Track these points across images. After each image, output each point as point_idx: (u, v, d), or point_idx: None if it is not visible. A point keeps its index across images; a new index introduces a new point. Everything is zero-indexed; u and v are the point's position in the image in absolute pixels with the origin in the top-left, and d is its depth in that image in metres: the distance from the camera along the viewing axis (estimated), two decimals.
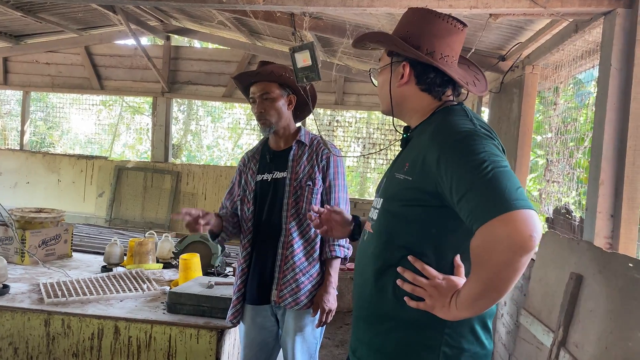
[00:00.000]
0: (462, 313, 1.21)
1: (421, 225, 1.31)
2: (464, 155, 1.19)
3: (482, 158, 1.16)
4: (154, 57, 6.66)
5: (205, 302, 2.45)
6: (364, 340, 1.42)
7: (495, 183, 1.12)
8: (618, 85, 1.85)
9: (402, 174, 1.34)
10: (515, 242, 1.07)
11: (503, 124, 3.55)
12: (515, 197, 1.09)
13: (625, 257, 1.64)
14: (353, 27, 3.76)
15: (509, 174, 1.14)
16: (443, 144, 1.25)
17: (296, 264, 2.18)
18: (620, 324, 1.58)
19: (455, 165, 1.19)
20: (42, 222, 3.39)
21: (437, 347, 1.29)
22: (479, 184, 1.13)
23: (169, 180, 6.63)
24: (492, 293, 1.15)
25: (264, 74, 2.26)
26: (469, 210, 1.14)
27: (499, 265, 1.10)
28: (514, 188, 1.11)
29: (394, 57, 1.42)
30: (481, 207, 1.11)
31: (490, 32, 3.23)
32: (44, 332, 2.40)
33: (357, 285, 1.49)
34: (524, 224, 1.07)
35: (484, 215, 1.10)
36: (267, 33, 5.44)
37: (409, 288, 1.29)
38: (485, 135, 1.24)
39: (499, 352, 2.90)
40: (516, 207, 1.08)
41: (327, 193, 2.25)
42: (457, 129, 1.26)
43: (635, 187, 1.78)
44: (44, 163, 7.02)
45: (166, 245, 3.53)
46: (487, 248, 1.11)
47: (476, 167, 1.15)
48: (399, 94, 1.43)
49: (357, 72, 5.89)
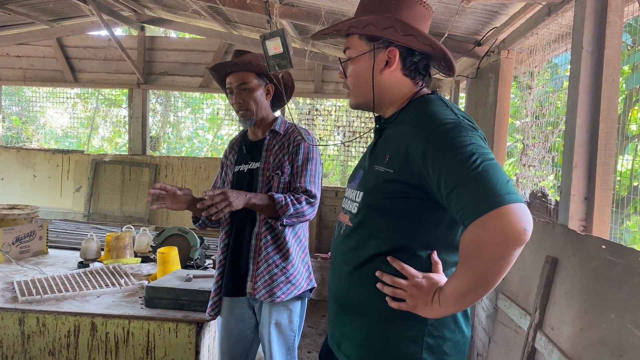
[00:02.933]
0: (447, 310, 1.22)
1: (404, 217, 1.29)
2: (452, 148, 1.17)
3: (470, 151, 1.15)
4: (129, 48, 6.54)
5: (183, 296, 2.43)
6: (348, 335, 1.41)
7: (486, 177, 1.11)
8: (590, 68, 1.85)
9: (383, 166, 1.32)
10: (510, 236, 1.07)
11: (480, 109, 3.56)
12: (506, 191, 1.09)
13: (599, 239, 1.65)
14: (328, 14, 3.72)
15: (498, 167, 1.14)
16: (428, 136, 1.22)
17: (269, 256, 2.16)
18: (595, 306, 1.60)
19: (443, 158, 1.17)
20: (15, 219, 3.33)
21: (420, 338, 1.29)
22: (469, 178, 1.12)
23: (147, 173, 6.54)
24: (483, 287, 1.15)
25: (242, 63, 2.22)
26: (460, 204, 1.13)
27: (493, 259, 1.10)
28: (504, 181, 1.11)
29: (377, 43, 1.37)
30: (473, 201, 1.11)
31: (466, 17, 3.22)
32: (19, 331, 2.36)
33: (336, 279, 1.46)
34: (518, 218, 1.07)
35: (476, 210, 1.10)
36: (243, 21, 5.37)
37: (389, 291, 1.28)
38: (470, 127, 1.22)
39: (479, 336, 2.93)
40: (508, 201, 1.08)
41: (293, 179, 2.18)
42: (441, 120, 1.24)
43: (607, 169, 1.79)
44: (19, 158, 6.88)
45: (144, 239, 3.49)
46: (480, 242, 1.10)
47: (465, 160, 1.14)
48: (383, 81, 1.38)
49: (335, 60, 5.85)
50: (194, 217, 2.35)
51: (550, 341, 1.78)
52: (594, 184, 1.81)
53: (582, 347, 1.60)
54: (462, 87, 4.68)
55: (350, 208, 1.42)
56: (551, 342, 1.77)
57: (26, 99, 9.09)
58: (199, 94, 8.62)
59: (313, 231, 6.08)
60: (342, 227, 1.45)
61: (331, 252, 1.52)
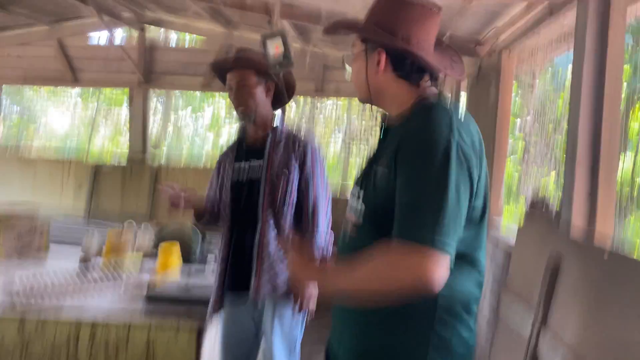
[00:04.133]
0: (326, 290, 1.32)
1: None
2: (426, 168, 1.18)
3: (434, 176, 1.16)
4: (129, 48, 6.54)
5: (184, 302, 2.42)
6: (341, 338, 1.40)
7: (436, 208, 1.14)
8: (593, 67, 1.86)
9: (381, 165, 1.32)
10: (414, 280, 1.12)
11: (481, 108, 3.57)
12: (444, 233, 1.12)
13: (603, 237, 1.66)
14: (328, 14, 3.73)
15: (453, 207, 1.15)
16: (412, 145, 1.23)
17: (273, 252, 2.17)
18: (599, 304, 1.60)
19: (415, 173, 1.19)
20: (16, 217, 3.33)
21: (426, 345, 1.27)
22: (415, 200, 1.16)
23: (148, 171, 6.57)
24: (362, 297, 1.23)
25: (241, 61, 2.22)
26: (401, 217, 1.17)
27: (392, 286, 1.15)
28: (449, 221, 1.14)
29: (369, 44, 1.38)
30: (410, 223, 1.15)
31: (467, 18, 3.23)
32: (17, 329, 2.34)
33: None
34: (436, 269, 1.11)
35: (408, 232, 1.14)
36: (243, 22, 5.37)
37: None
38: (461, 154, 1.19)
39: (482, 331, 2.93)
40: (438, 247, 1.11)
41: (305, 189, 2.21)
42: (434, 139, 1.21)
43: (611, 166, 1.80)
44: (20, 158, 6.89)
45: (145, 235, 3.49)
46: (388, 265, 1.15)
47: (429, 184, 1.16)
48: (376, 81, 1.39)
49: (335, 60, 5.86)
50: (198, 214, 2.36)
51: (554, 338, 1.79)
52: (597, 182, 1.82)
53: (586, 345, 1.61)
54: (464, 86, 4.69)
55: (355, 206, 1.41)
56: (555, 340, 1.78)
57: (27, 98, 9.08)
58: (200, 94, 8.61)
59: None
60: (348, 226, 1.44)
61: (338, 250, 1.51)
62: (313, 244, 2.21)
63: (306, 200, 2.21)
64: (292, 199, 2.20)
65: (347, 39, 1.48)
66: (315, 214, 2.20)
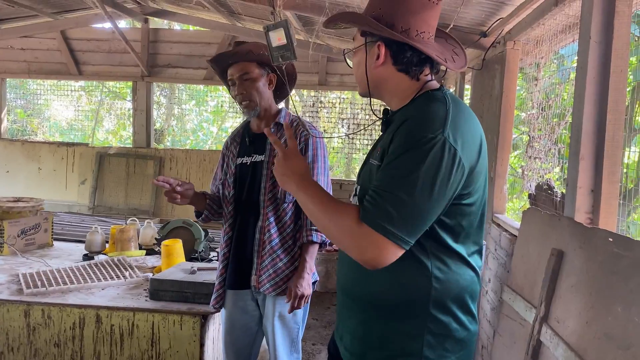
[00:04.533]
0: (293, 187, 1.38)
1: None
2: (405, 159, 1.19)
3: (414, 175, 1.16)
4: (133, 41, 6.53)
5: (187, 288, 2.43)
6: (349, 329, 1.41)
7: (401, 202, 1.16)
8: (598, 58, 1.83)
9: (375, 159, 1.32)
10: (364, 257, 1.20)
11: (485, 101, 3.53)
12: (402, 228, 1.16)
13: (606, 232, 1.63)
14: (331, 5, 3.69)
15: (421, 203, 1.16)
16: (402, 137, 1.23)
17: (273, 249, 2.15)
18: (601, 299, 1.58)
19: (395, 161, 1.20)
20: (20, 212, 3.33)
21: (421, 336, 1.28)
22: (391, 190, 1.17)
23: (152, 166, 6.55)
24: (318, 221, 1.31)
25: (242, 53, 2.19)
26: (370, 198, 1.21)
27: (338, 237, 1.25)
28: (412, 217, 1.17)
29: (368, 37, 1.37)
30: (376, 208, 1.18)
31: (471, 8, 3.19)
32: (24, 323, 2.37)
33: (343, 271, 1.46)
34: (384, 258, 1.18)
35: (372, 214, 1.18)
36: (246, 13, 5.34)
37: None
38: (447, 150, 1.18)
39: (484, 329, 2.92)
40: (393, 240, 1.17)
41: None
42: (422, 132, 1.20)
43: (615, 161, 1.77)
44: (24, 151, 6.89)
45: (148, 232, 3.50)
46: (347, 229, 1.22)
47: (408, 175, 1.17)
48: (376, 75, 1.38)
49: (339, 52, 5.83)
50: (197, 211, 2.34)
51: (556, 334, 1.77)
52: (601, 176, 1.79)
53: (588, 340, 1.59)
54: (468, 78, 4.65)
55: (354, 201, 1.42)
56: (557, 335, 1.76)
57: (31, 91, 9.09)
58: (203, 87, 8.60)
59: None
60: None
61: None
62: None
63: None
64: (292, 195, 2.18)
65: (351, 32, 1.47)
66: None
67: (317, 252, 2.25)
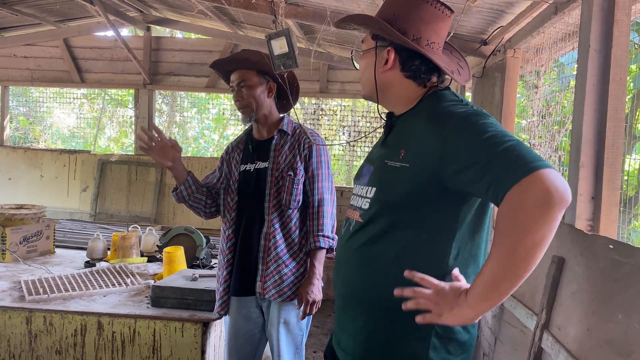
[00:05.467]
0: (477, 308, 1.13)
1: (419, 213, 1.28)
2: (475, 130, 1.16)
3: (493, 130, 1.14)
4: (135, 49, 6.55)
5: (189, 295, 2.43)
6: (350, 332, 1.40)
7: (514, 149, 1.08)
8: (597, 67, 1.84)
9: (398, 161, 1.30)
10: (555, 195, 1.01)
11: (486, 108, 3.54)
12: (539, 159, 1.06)
13: (606, 239, 1.64)
14: (333, 13, 3.71)
15: (523, 144, 1.11)
16: (446, 125, 1.22)
17: (279, 256, 2.16)
18: (602, 306, 1.58)
19: (468, 140, 1.16)
20: (22, 219, 3.34)
21: (427, 338, 1.28)
22: (499, 152, 1.09)
23: (154, 173, 6.56)
24: (521, 263, 1.05)
25: (238, 60, 2.22)
26: (492, 179, 1.08)
27: (537, 223, 1.02)
28: (533, 153, 1.09)
29: (379, 41, 1.39)
30: (508, 170, 1.06)
31: (472, 17, 3.20)
32: (26, 330, 2.37)
33: (343, 275, 1.45)
34: (559, 179, 1.03)
35: (513, 178, 1.05)
36: (248, 22, 5.37)
37: (412, 305, 1.20)
38: (486, 115, 1.23)
39: (485, 336, 2.91)
40: (545, 166, 1.04)
41: (309, 182, 2.22)
42: (457, 111, 1.24)
43: (615, 169, 1.77)
44: (26, 159, 6.91)
45: (150, 239, 3.50)
46: (522, 208, 1.03)
47: (489, 138, 1.12)
48: (383, 79, 1.40)
49: (340, 60, 5.85)
50: (174, 187, 2.28)
51: (557, 341, 1.77)
52: (601, 184, 1.80)
53: (589, 347, 1.59)
54: (468, 86, 4.66)
55: (361, 204, 1.41)
56: (558, 343, 1.76)
57: (33, 99, 9.13)
58: (205, 95, 8.63)
59: None
60: (351, 224, 1.43)
61: (337, 249, 1.51)
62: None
63: (311, 202, 2.21)
64: (297, 201, 2.19)
65: (353, 39, 1.49)
66: (320, 216, 2.20)
67: (325, 257, 2.27)
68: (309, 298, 2.15)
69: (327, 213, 2.23)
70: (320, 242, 2.19)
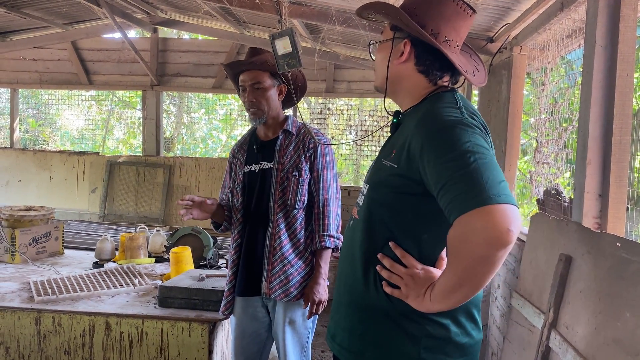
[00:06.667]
0: (435, 306, 1.21)
1: (406, 213, 1.29)
2: (447, 145, 1.16)
3: (466, 148, 1.13)
4: (142, 50, 6.59)
5: (196, 295, 2.44)
6: (345, 327, 1.41)
7: (477, 174, 1.09)
8: (603, 63, 1.82)
9: (389, 160, 1.32)
10: (492, 235, 1.04)
11: (493, 106, 3.53)
12: (496, 191, 1.07)
13: (614, 237, 1.62)
14: (338, 12, 3.71)
15: (493, 166, 1.12)
16: (427, 132, 1.22)
17: (284, 256, 2.16)
18: (609, 304, 1.57)
19: (438, 155, 1.16)
20: (31, 220, 3.37)
21: (419, 338, 1.28)
22: (460, 175, 1.11)
23: (162, 174, 6.59)
24: (466, 286, 1.13)
25: (258, 62, 2.22)
26: (448, 200, 1.12)
27: (474, 258, 1.08)
28: (496, 181, 1.08)
29: (397, 33, 1.37)
30: (460, 198, 1.09)
31: (478, 14, 3.17)
32: (35, 330, 2.39)
33: (341, 271, 1.47)
34: (502, 218, 1.04)
35: (462, 207, 1.08)
36: (254, 22, 5.38)
37: (386, 275, 1.29)
38: (473, 125, 1.21)
39: (493, 335, 2.90)
40: (496, 202, 1.05)
41: (315, 182, 2.22)
42: (443, 117, 1.23)
43: (622, 165, 1.76)
44: (35, 160, 6.97)
45: (158, 239, 3.52)
46: (463, 240, 1.09)
47: (458, 157, 1.12)
48: (396, 71, 1.39)
49: (346, 59, 5.84)
50: (215, 222, 2.36)
51: (565, 340, 1.76)
52: (609, 181, 1.78)
53: (597, 346, 1.58)
54: None
55: (360, 201, 1.43)
56: (565, 341, 1.75)
57: (43, 102, 9.21)
58: (212, 95, 8.65)
59: None
60: (352, 220, 1.47)
61: (342, 243, 1.56)
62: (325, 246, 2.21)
63: (317, 202, 2.21)
64: (302, 202, 2.19)
65: (359, 38, 1.48)
66: (326, 216, 2.20)
67: (330, 257, 2.27)
68: (315, 298, 2.16)
69: (333, 213, 2.23)
70: (326, 242, 2.19)
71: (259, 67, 2.22)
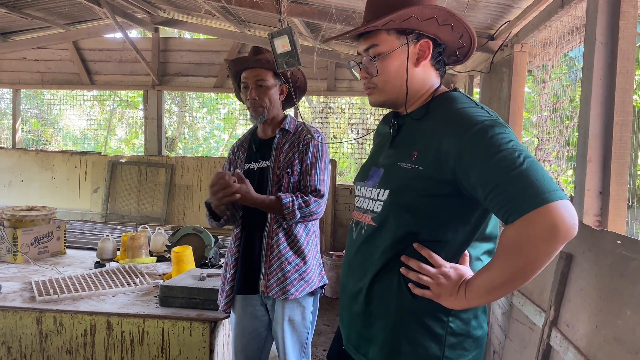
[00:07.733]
0: (472, 301, 1.21)
1: (433, 215, 1.26)
2: (492, 146, 1.15)
3: (512, 148, 1.14)
4: (143, 50, 6.60)
5: (197, 295, 2.44)
6: (368, 336, 1.37)
7: (531, 173, 1.10)
8: (603, 59, 1.82)
9: (410, 163, 1.28)
10: (561, 231, 1.07)
11: (494, 103, 3.52)
12: (552, 188, 1.09)
13: (614, 235, 1.62)
14: (338, 11, 3.71)
15: (539, 164, 1.13)
16: (464, 134, 1.19)
17: (282, 253, 2.16)
18: (610, 302, 1.57)
19: (485, 156, 1.15)
20: (33, 220, 3.37)
21: (443, 337, 1.27)
22: (514, 175, 1.11)
23: (164, 174, 6.60)
24: (518, 281, 1.15)
25: (263, 61, 2.22)
26: (505, 201, 1.12)
27: (540, 254, 1.10)
28: (548, 178, 1.11)
29: (410, 36, 1.32)
30: (519, 198, 1.10)
31: (479, 12, 3.18)
32: (37, 330, 2.40)
33: (355, 279, 1.41)
34: (567, 214, 1.07)
35: (524, 206, 1.09)
36: (255, 21, 5.38)
37: (414, 276, 1.26)
38: (506, 124, 1.21)
39: (495, 334, 2.90)
40: (557, 198, 1.08)
41: (303, 177, 2.18)
42: (476, 118, 1.21)
43: (622, 163, 1.75)
44: (38, 160, 6.99)
45: (159, 239, 3.52)
46: (528, 237, 1.09)
47: (507, 157, 1.13)
48: (413, 76, 1.35)
49: (347, 58, 5.84)
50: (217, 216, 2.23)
51: (565, 338, 1.76)
52: (609, 179, 1.78)
53: (598, 344, 1.58)
54: (476, 82, 4.63)
55: (372, 207, 1.37)
56: (566, 340, 1.75)
57: (45, 102, 9.23)
58: (214, 94, 8.66)
59: (328, 229, 6.08)
60: (363, 227, 1.39)
61: (348, 252, 1.47)
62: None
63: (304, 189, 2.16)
64: None
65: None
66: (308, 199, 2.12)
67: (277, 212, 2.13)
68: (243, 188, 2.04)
69: (314, 202, 2.15)
70: (284, 200, 2.08)
71: (263, 66, 2.22)
